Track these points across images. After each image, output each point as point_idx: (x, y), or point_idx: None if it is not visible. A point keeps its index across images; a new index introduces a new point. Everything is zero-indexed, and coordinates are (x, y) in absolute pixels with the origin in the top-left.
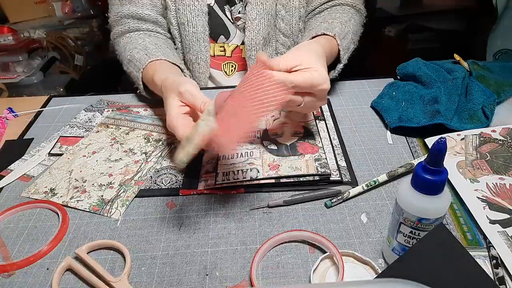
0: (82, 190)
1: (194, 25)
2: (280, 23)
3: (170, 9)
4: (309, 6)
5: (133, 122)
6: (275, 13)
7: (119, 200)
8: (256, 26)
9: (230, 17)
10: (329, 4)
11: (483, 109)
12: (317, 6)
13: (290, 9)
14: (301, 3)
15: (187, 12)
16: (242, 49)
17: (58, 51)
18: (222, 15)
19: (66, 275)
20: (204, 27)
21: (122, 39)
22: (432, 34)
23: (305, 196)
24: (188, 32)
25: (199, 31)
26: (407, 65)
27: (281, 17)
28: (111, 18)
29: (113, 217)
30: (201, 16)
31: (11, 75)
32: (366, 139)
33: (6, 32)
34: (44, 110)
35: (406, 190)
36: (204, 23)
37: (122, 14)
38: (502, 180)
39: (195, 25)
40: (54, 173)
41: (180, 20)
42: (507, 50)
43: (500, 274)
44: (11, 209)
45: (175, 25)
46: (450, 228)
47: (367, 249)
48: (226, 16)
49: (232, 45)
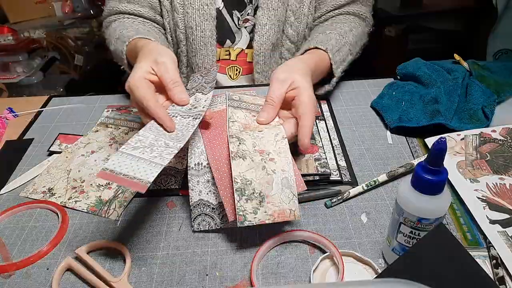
0: (80, 191)
1: (202, 29)
2: (288, 29)
3: (178, 12)
4: (316, 13)
5: (133, 122)
6: (285, 19)
7: (117, 201)
8: (266, 32)
9: (237, 22)
10: (335, 13)
11: (483, 109)
12: (323, 13)
13: (300, 15)
14: (310, 10)
15: (196, 16)
16: (248, 53)
17: (58, 51)
18: (229, 20)
19: (66, 275)
20: (212, 31)
21: (114, 23)
22: (432, 34)
23: (305, 196)
24: (196, 36)
25: (207, 35)
26: (407, 65)
27: (290, 23)
28: (106, 11)
29: (111, 217)
30: (209, 20)
31: (11, 75)
32: (366, 139)
33: (6, 32)
34: (44, 110)
35: (406, 190)
36: (212, 27)
37: (118, 10)
38: (502, 180)
39: (204, 29)
40: (52, 172)
41: (188, 23)
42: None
43: (500, 274)
44: (11, 209)
45: (182, 28)
46: (450, 228)
47: (367, 249)
48: (233, 21)
49: (237, 49)
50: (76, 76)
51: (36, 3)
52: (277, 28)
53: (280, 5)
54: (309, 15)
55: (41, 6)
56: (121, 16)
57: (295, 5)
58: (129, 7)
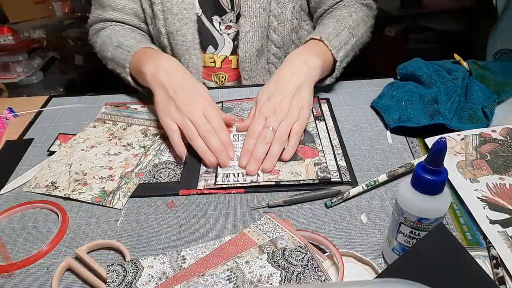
0: (83, 183)
1: (183, 34)
2: (272, 34)
3: (158, 18)
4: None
5: (130, 118)
6: (268, 25)
7: (121, 191)
8: (250, 39)
9: (218, 28)
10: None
11: (483, 109)
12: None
13: (283, 20)
14: (294, 15)
15: (175, 21)
16: (232, 60)
17: (58, 51)
18: (210, 26)
19: (66, 275)
20: (193, 35)
21: (105, 31)
22: (432, 34)
23: (305, 196)
24: (178, 41)
25: (188, 40)
26: (407, 65)
27: (273, 29)
28: (92, 19)
29: (116, 207)
30: (189, 25)
31: (11, 75)
32: (366, 139)
33: (6, 32)
34: (44, 110)
35: (406, 190)
36: (194, 31)
37: (105, 17)
38: (502, 180)
39: (184, 33)
40: (53, 166)
41: (169, 29)
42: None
43: (500, 274)
44: (11, 209)
45: (165, 34)
46: (450, 228)
47: (367, 249)
48: (214, 27)
49: (221, 56)
50: (76, 76)
51: (36, 3)
52: (260, 34)
53: (261, 11)
54: (293, 20)
55: (41, 6)
56: (108, 23)
57: (277, 10)
58: (115, 15)
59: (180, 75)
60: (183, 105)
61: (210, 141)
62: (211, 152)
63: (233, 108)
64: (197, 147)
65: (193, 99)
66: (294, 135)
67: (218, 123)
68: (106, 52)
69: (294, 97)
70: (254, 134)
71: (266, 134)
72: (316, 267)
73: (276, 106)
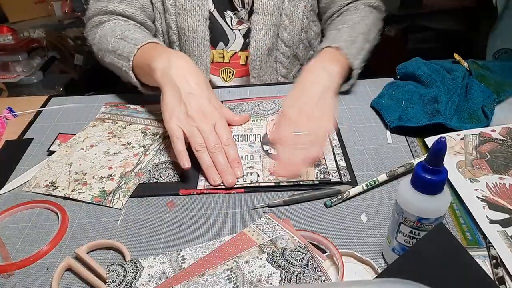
0: (83, 183)
1: (194, 30)
2: (283, 32)
3: (169, 13)
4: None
5: (129, 117)
6: (279, 23)
7: (121, 191)
8: (262, 37)
9: (230, 23)
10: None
11: (483, 108)
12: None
13: (294, 19)
14: (305, 13)
15: (187, 17)
16: (241, 56)
17: (58, 51)
18: (222, 22)
19: (66, 275)
20: (204, 32)
21: (108, 24)
22: (432, 34)
23: (305, 196)
24: (188, 37)
25: (200, 36)
26: (407, 65)
27: (285, 27)
28: (93, 10)
29: (116, 207)
30: (201, 22)
31: (11, 74)
32: (366, 139)
33: (6, 32)
34: (44, 110)
35: (406, 190)
36: (205, 28)
37: (109, 9)
38: (502, 180)
39: (196, 30)
40: (52, 166)
41: (180, 25)
42: (507, 50)
43: (500, 274)
44: (11, 209)
45: (175, 29)
46: (450, 228)
47: (367, 249)
48: (225, 23)
49: (230, 52)
50: (76, 76)
51: (35, 2)
52: (272, 32)
53: (275, 9)
54: (304, 19)
55: (40, 5)
56: (112, 16)
57: (290, 8)
58: (121, 7)
59: (194, 79)
60: (195, 114)
61: (216, 157)
62: (215, 169)
63: (233, 109)
64: (202, 161)
65: (206, 109)
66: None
67: (227, 138)
68: (106, 44)
69: (319, 100)
70: (287, 142)
71: (301, 140)
72: (316, 267)
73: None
